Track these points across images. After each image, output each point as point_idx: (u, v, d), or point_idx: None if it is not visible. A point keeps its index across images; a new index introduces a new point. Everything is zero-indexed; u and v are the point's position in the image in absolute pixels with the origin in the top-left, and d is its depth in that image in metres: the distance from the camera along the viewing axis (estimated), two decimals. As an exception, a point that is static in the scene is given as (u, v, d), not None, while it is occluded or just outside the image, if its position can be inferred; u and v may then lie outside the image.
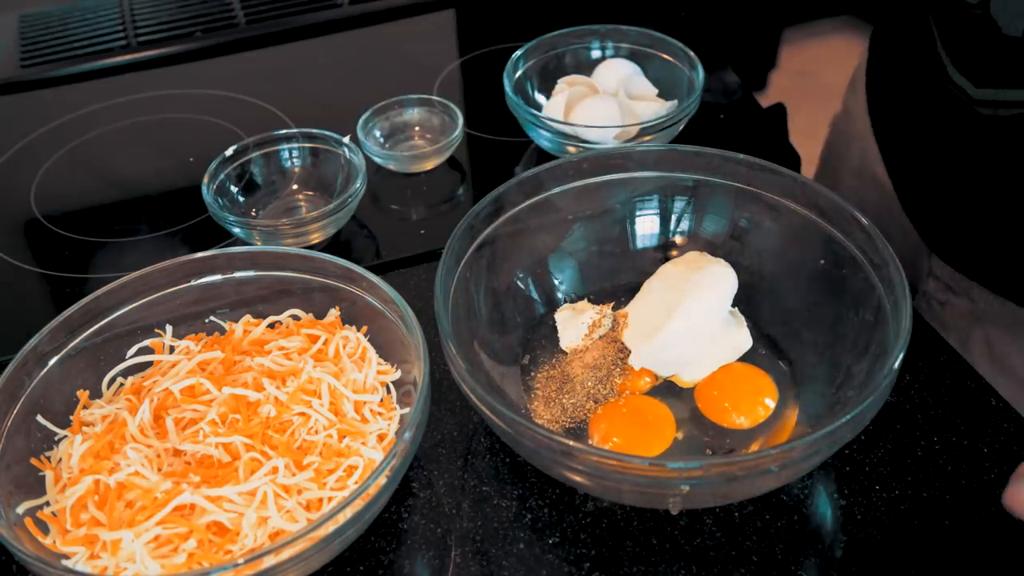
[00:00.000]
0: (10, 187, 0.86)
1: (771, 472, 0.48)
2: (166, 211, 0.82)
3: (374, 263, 0.74)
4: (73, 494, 0.52)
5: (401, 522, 0.56)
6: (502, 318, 0.64)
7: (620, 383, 0.60)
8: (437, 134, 0.85)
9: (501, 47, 0.89)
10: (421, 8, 1.08)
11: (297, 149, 0.80)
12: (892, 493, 0.56)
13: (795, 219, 0.62)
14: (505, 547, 0.55)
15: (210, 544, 0.50)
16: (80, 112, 0.94)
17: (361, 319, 0.61)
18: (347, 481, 0.53)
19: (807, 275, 0.62)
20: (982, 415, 0.60)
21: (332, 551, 0.51)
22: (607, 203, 0.67)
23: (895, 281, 0.54)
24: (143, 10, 1.08)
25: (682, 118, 0.78)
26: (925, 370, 0.63)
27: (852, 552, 0.54)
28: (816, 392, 0.59)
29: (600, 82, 0.85)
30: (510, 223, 0.63)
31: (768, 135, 0.87)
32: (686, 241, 0.67)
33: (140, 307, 0.61)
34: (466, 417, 0.62)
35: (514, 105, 0.80)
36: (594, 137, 0.77)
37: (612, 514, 0.56)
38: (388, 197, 0.81)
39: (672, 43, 0.85)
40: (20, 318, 0.72)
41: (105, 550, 0.50)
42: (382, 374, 0.59)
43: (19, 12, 1.09)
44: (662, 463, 0.49)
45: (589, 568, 0.54)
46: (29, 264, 0.77)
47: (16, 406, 0.55)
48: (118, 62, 1.01)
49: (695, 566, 0.53)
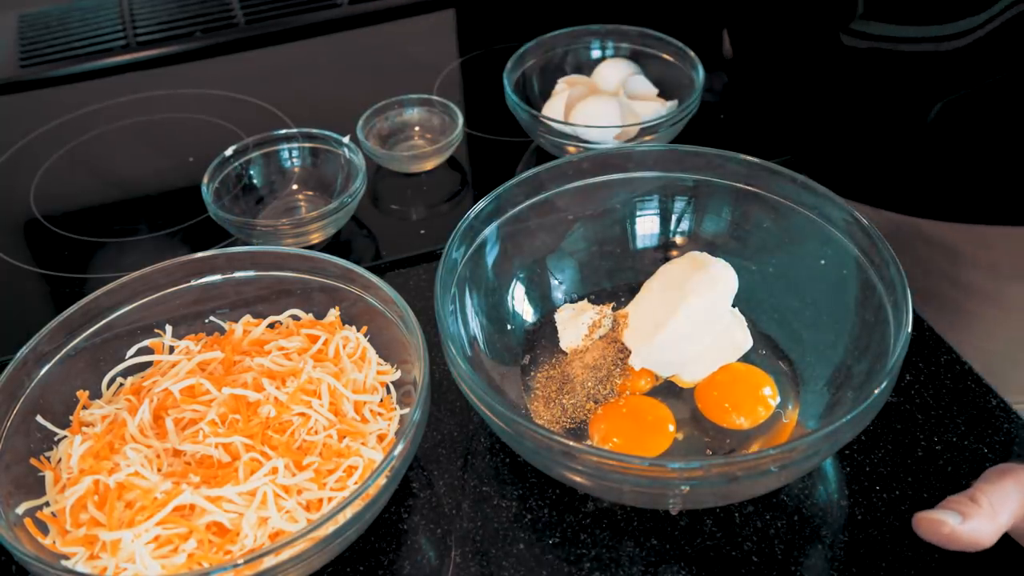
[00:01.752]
0: (10, 187, 0.86)
1: (771, 472, 0.48)
2: (166, 211, 0.82)
3: (374, 263, 0.74)
4: (73, 494, 0.52)
5: (401, 522, 0.56)
6: (502, 318, 0.64)
7: (620, 383, 0.60)
8: (437, 134, 0.85)
9: (501, 47, 0.89)
10: (421, 8, 1.08)
11: (297, 149, 0.80)
12: (892, 493, 0.56)
13: (795, 219, 0.62)
14: (505, 547, 0.55)
15: (210, 544, 0.50)
16: (80, 112, 0.94)
17: (361, 319, 0.61)
18: (347, 481, 0.53)
19: (807, 275, 0.62)
20: (982, 415, 0.60)
21: (332, 551, 0.51)
22: (607, 203, 0.67)
23: (895, 281, 0.54)
24: (143, 10, 1.08)
25: (682, 118, 0.78)
26: (925, 370, 0.63)
27: (852, 552, 0.54)
28: (816, 392, 0.59)
29: (600, 82, 0.85)
30: (510, 223, 0.63)
31: (768, 135, 0.87)
32: (686, 241, 0.67)
33: (140, 307, 0.61)
34: (466, 417, 0.62)
35: (514, 105, 0.80)
36: (594, 137, 0.77)
37: (612, 514, 0.56)
38: (388, 197, 0.81)
39: (672, 43, 0.85)
40: (20, 318, 0.72)
41: (105, 550, 0.50)
42: (382, 374, 0.59)
43: (19, 12, 1.09)
44: (662, 463, 0.49)
45: (589, 568, 0.54)
46: (29, 264, 0.77)
47: (16, 406, 0.55)
48: (118, 62, 1.01)
49: (695, 566, 0.53)
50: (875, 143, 0.71)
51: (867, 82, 0.67)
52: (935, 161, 0.69)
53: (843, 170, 0.76)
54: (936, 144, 0.68)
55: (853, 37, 0.65)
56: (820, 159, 0.77)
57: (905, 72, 0.65)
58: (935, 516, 0.51)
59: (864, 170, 0.74)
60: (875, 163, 0.72)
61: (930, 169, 0.69)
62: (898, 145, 0.69)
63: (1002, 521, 0.51)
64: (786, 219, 0.62)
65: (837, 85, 0.70)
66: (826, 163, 0.77)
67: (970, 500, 0.51)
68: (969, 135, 0.67)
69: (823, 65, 0.70)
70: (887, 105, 0.68)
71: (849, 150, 0.73)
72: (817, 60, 0.70)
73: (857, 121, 0.71)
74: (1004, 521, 0.51)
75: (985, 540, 0.51)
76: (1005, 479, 0.52)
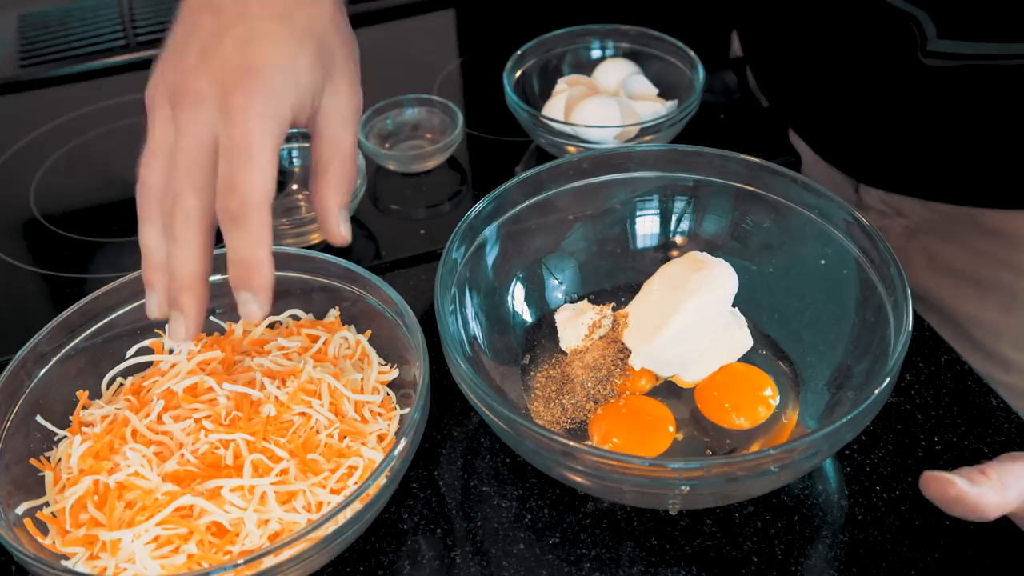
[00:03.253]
0: (10, 187, 0.86)
1: (771, 472, 0.48)
2: (166, 211, 0.81)
3: (374, 263, 0.74)
4: (72, 494, 0.52)
5: (401, 522, 0.56)
6: (502, 318, 0.64)
7: (620, 384, 0.60)
8: (437, 134, 0.85)
9: (501, 47, 0.89)
10: (421, 8, 1.08)
11: (297, 149, 0.80)
12: (892, 493, 0.56)
13: (795, 219, 0.62)
14: (505, 547, 0.55)
15: (210, 545, 0.50)
16: (80, 112, 0.94)
17: (361, 319, 0.61)
18: (347, 481, 0.53)
19: (807, 275, 0.62)
20: (982, 415, 0.60)
21: (332, 551, 0.51)
22: (607, 203, 0.67)
23: (895, 281, 0.54)
24: (143, 10, 1.08)
25: (682, 118, 0.78)
26: (925, 370, 0.63)
27: (852, 552, 0.54)
28: (816, 392, 0.59)
29: (600, 82, 0.85)
30: (510, 223, 0.63)
31: (768, 135, 0.87)
32: (686, 241, 0.67)
33: (140, 307, 0.61)
34: (466, 417, 0.62)
35: (514, 105, 0.80)
36: (594, 137, 0.77)
37: (612, 514, 0.56)
38: (388, 197, 0.81)
39: (672, 43, 0.85)
40: (20, 318, 0.72)
41: (105, 551, 0.50)
42: (382, 374, 0.59)
43: (19, 12, 1.09)
44: (662, 463, 0.49)
45: (589, 568, 0.54)
46: (29, 264, 0.77)
47: (16, 406, 0.55)
48: (118, 62, 1.01)
49: (695, 566, 0.53)
50: (934, 135, 0.71)
51: (953, 98, 0.67)
52: (995, 150, 0.68)
53: (890, 163, 0.76)
54: (1000, 128, 0.68)
55: (936, 59, 0.66)
56: (861, 151, 0.78)
57: (1001, 87, 0.65)
58: (944, 475, 0.51)
59: (916, 163, 0.74)
60: (930, 155, 0.72)
61: (990, 158, 0.69)
62: (958, 134, 0.69)
63: (1009, 498, 0.51)
64: (786, 219, 0.62)
65: (913, 102, 0.70)
66: (869, 155, 0.77)
67: (980, 472, 0.51)
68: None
69: (894, 85, 0.70)
70: (964, 115, 0.68)
71: (900, 143, 0.74)
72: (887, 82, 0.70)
73: (920, 127, 0.71)
74: (1011, 499, 0.51)
75: (990, 510, 0.51)
76: (1018, 461, 0.52)
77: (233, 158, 0.46)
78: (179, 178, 0.48)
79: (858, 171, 0.80)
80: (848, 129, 0.77)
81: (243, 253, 0.47)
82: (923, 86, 0.68)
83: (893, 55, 0.68)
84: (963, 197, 0.73)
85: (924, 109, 0.69)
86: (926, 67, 0.66)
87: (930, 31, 0.65)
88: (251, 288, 0.48)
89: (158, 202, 0.49)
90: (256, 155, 0.46)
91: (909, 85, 0.68)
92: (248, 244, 0.47)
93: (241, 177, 0.46)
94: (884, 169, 0.77)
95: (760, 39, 0.83)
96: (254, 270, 0.47)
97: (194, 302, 0.49)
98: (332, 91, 0.50)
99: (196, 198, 0.47)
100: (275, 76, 0.47)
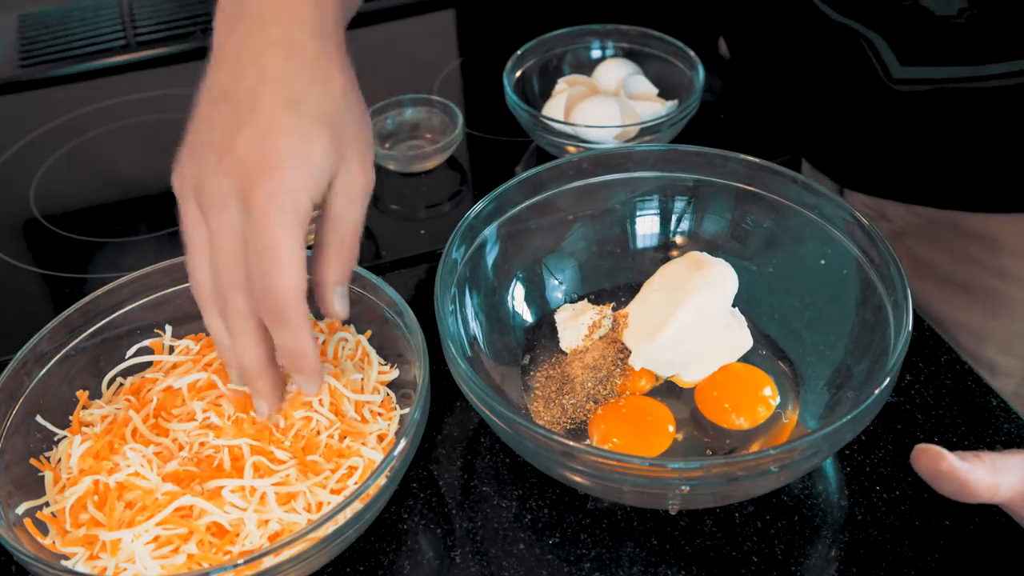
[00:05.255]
0: (10, 187, 0.86)
1: (771, 472, 0.48)
2: (166, 211, 0.81)
3: (374, 263, 0.74)
4: (72, 494, 0.52)
5: (401, 522, 0.56)
6: (502, 318, 0.64)
7: (620, 384, 0.60)
8: (437, 134, 0.85)
9: (501, 47, 0.89)
10: (421, 8, 1.08)
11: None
12: (893, 493, 0.56)
13: (795, 219, 0.62)
14: (505, 547, 0.55)
15: (210, 545, 0.50)
16: (80, 112, 0.94)
17: (361, 319, 0.61)
18: (347, 481, 0.53)
19: (807, 275, 0.62)
20: (982, 415, 0.60)
21: (332, 551, 0.51)
22: (607, 203, 0.67)
23: (895, 281, 0.54)
24: (143, 10, 1.08)
25: (682, 118, 0.78)
26: (925, 370, 0.63)
27: (852, 552, 0.54)
28: (816, 392, 0.59)
29: (600, 82, 0.85)
30: (510, 223, 0.63)
31: (768, 135, 0.87)
32: (686, 241, 0.67)
33: (140, 307, 0.61)
34: (466, 417, 0.62)
35: (514, 105, 0.80)
36: (594, 137, 0.77)
37: (612, 514, 0.56)
38: (388, 197, 0.81)
39: (672, 43, 0.85)
40: (20, 318, 0.72)
41: (105, 551, 0.50)
42: (382, 374, 0.59)
43: (19, 12, 1.09)
44: (662, 463, 0.49)
45: (589, 568, 0.54)
46: (29, 264, 0.77)
47: (16, 406, 0.55)
48: (118, 62, 1.01)
49: (695, 566, 0.53)
50: (912, 147, 0.71)
51: (930, 118, 0.68)
52: (976, 155, 0.69)
53: (871, 169, 0.76)
54: (978, 141, 0.68)
55: (905, 84, 0.66)
56: (843, 158, 0.78)
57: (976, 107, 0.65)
58: (936, 449, 0.51)
59: (896, 169, 0.74)
60: (910, 163, 0.72)
61: (970, 163, 0.69)
62: (937, 147, 0.69)
63: (999, 482, 0.51)
64: (786, 219, 0.62)
65: (890, 121, 0.70)
66: (851, 162, 0.78)
67: (974, 455, 0.51)
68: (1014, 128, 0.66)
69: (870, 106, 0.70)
70: (943, 133, 0.69)
71: (880, 152, 0.74)
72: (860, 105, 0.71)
73: (898, 142, 0.71)
74: (1002, 485, 0.51)
75: (980, 490, 0.50)
76: (1015, 454, 0.52)
77: (261, 260, 0.48)
78: (222, 278, 0.50)
79: (840, 176, 0.80)
80: (828, 139, 0.78)
81: (289, 346, 0.50)
82: (898, 108, 0.68)
83: (863, 79, 0.68)
84: (944, 201, 0.73)
85: (902, 127, 0.70)
86: (897, 92, 0.67)
87: (888, 58, 0.65)
88: (302, 372, 0.51)
89: (211, 297, 0.51)
90: (282, 256, 0.47)
91: (884, 107, 0.69)
92: (291, 338, 0.49)
93: (270, 278, 0.47)
94: (865, 175, 0.78)
95: (742, 48, 0.83)
96: (302, 359, 0.50)
97: (266, 384, 0.52)
98: (344, 171, 0.51)
99: (241, 295, 0.49)
100: (291, 170, 0.48)
